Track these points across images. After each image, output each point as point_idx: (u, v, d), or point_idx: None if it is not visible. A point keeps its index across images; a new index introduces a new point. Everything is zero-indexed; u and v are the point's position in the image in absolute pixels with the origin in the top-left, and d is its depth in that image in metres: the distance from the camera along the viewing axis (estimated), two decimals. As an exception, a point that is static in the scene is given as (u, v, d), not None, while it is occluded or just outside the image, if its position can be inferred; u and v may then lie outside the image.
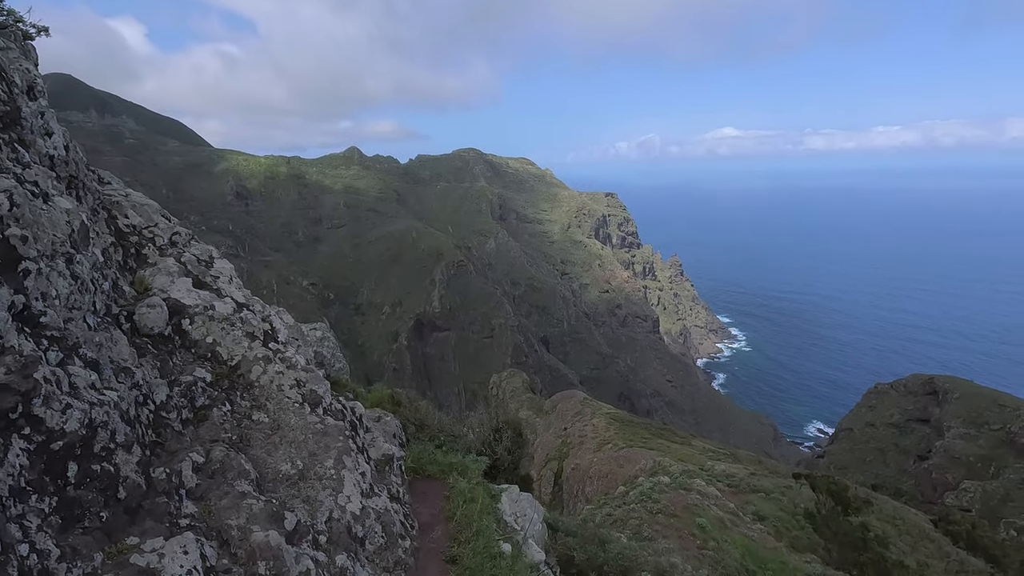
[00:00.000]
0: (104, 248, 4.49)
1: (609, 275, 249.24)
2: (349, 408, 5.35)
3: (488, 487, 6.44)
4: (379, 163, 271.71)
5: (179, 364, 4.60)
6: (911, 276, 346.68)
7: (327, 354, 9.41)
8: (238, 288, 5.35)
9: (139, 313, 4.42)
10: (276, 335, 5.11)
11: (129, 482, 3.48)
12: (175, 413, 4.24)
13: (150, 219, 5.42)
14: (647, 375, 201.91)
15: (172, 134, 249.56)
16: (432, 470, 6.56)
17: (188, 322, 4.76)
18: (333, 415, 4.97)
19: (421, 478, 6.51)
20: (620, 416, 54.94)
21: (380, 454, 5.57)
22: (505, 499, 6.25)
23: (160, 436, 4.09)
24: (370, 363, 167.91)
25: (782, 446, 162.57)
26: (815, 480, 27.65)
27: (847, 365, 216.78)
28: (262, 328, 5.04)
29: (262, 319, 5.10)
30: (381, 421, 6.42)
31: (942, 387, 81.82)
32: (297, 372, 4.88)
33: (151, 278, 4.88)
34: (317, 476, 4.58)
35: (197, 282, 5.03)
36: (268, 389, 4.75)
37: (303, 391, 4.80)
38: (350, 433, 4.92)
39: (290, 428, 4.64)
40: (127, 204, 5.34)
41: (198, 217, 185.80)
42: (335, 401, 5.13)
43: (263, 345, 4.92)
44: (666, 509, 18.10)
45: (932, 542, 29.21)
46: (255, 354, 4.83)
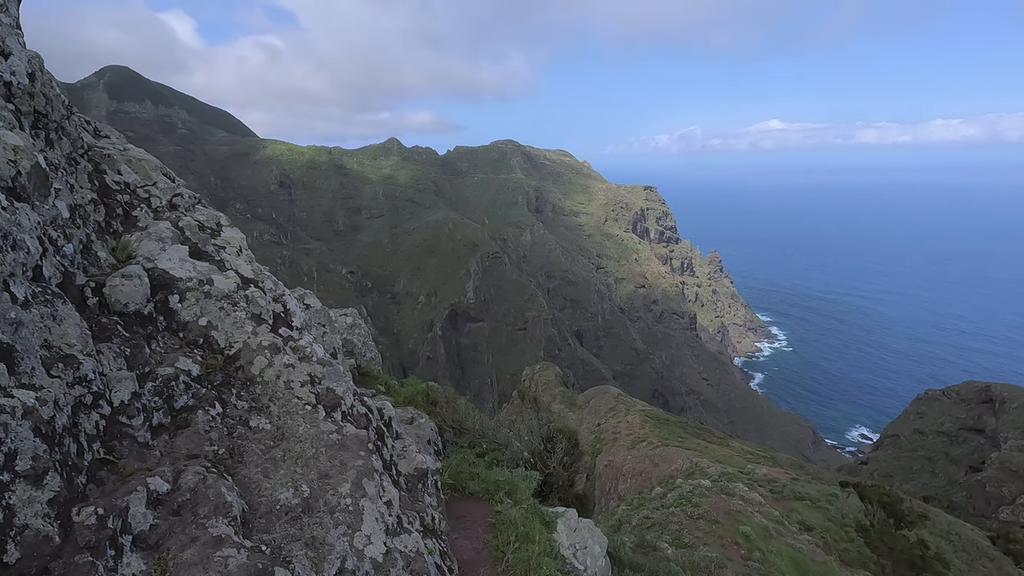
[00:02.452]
0: (76, 204, 3.79)
1: (646, 270, 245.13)
2: (376, 410, 4.44)
3: (542, 512, 5.41)
4: (418, 154, 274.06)
5: (159, 352, 3.75)
6: (967, 278, 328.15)
7: (358, 342, 8.73)
8: (248, 261, 4.49)
9: (109, 285, 3.60)
10: (290, 319, 4.24)
11: (27, 536, 2.35)
12: (141, 418, 3.34)
13: (147, 176, 4.55)
14: (682, 372, 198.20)
15: (220, 124, 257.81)
16: (474, 488, 5.45)
17: (177, 299, 3.92)
18: (354, 421, 4.04)
19: (460, 497, 5.44)
20: (655, 414, 53.83)
21: (412, 468, 4.56)
22: (562, 527, 5.22)
23: (114, 452, 3.14)
24: (405, 351, 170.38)
25: (822, 450, 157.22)
26: (864, 489, 26.20)
27: (893, 370, 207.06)
28: (272, 310, 4.17)
29: (273, 299, 4.25)
30: (414, 424, 5.56)
31: (999, 396, 77.70)
32: (312, 366, 3.96)
33: (136, 244, 4.09)
34: (328, 507, 3.55)
35: (195, 251, 4.23)
36: (273, 387, 3.88)
37: (318, 390, 3.89)
38: (374, 446, 3.99)
39: (297, 439, 3.73)
40: (121, 159, 4.47)
41: (243, 205, 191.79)
42: (358, 402, 4.21)
43: (271, 331, 4.05)
44: (707, 515, 17.35)
45: (991, 561, 27.36)
46: (260, 341, 3.96)
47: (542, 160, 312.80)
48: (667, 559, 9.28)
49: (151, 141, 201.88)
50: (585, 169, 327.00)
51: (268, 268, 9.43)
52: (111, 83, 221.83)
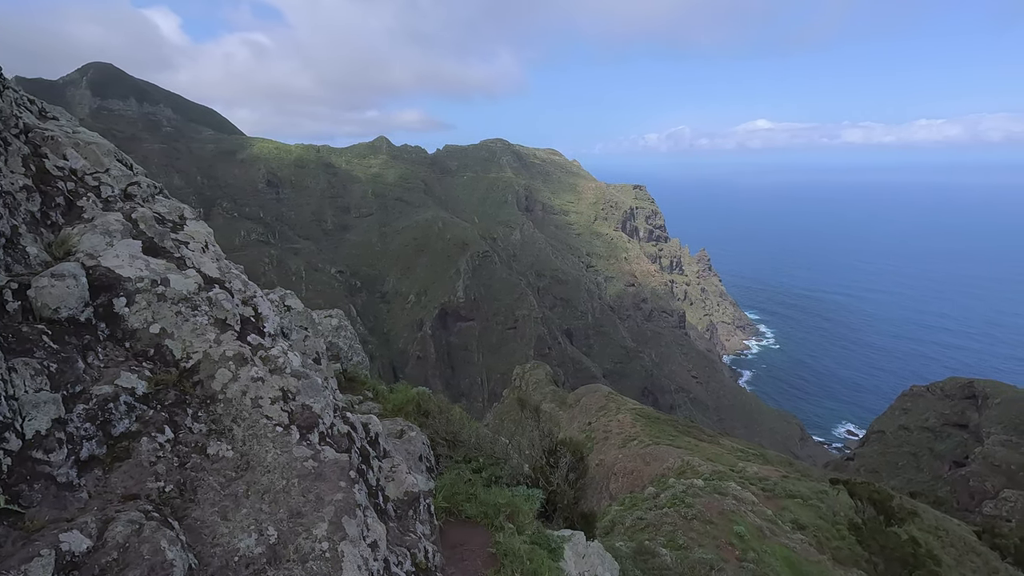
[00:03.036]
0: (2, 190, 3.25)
1: (635, 268, 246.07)
2: (360, 427, 3.84)
3: (547, 537, 4.85)
4: (407, 153, 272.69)
5: (97, 366, 3.13)
6: (949, 276, 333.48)
7: (343, 345, 8.21)
8: (214, 259, 3.89)
9: (35, 287, 3.04)
10: (261, 324, 3.68)
11: None
12: (65, 451, 2.69)
13: (98, 162, 3.97)
14: (672, 370, 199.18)
15: (206, 122, 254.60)
16: (472, 511, 4.87)
17: (124, 302, 3.35)
18: (334, 443, 3.44)
19: (457, 522, 4.83)
20: (646, 412, 53.92)
21: (402, 492, 3.99)
22: (569, 554, 4.69)
23: (21, 499, 2.48)
24: (395, 351, 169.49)
25: (809, 446, 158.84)
26: (854, 486, 26.32)
27: (877, 367, 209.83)
28: (240, 314, 3.61)
29: (242, 301, 3.68)
30: (404, 438, 4.96)
31: (982, 391, 78.94)
32: (285, 379, 3.38)
33: (78, 238, 3.50)
34: (299, 555, 2.91)
35: (150, 247, 3.63)
36: (238, 405, 3.28)
37: (291, 407, 3.33)
38: (358, 472, 3.38)
39: (265, 469, 3.14)
40: (67, 142, 3.93)
41: (230, 204, 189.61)
42: (339, 420, 3.61)
43: (238, 338, 3.49)
44: (701, 515, 17.23)
45: (978, 556, 27.64)
46: (223, 351, 3.38)
47: (532, 159, 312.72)
48: (667, 568, 9.10)
49: (136, 139, 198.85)
50: (575, 168, 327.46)
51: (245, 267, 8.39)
52: (94, 80, 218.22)
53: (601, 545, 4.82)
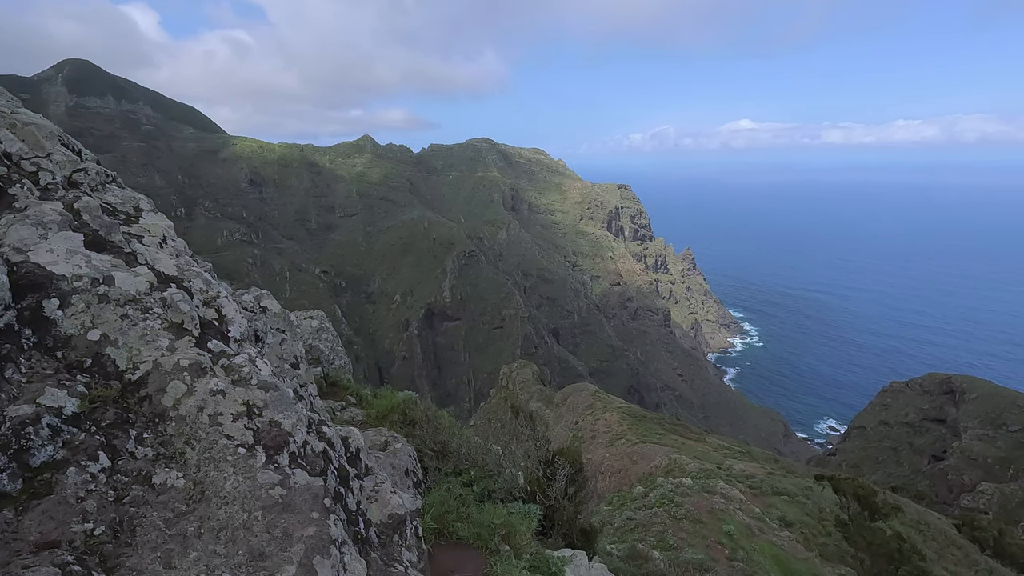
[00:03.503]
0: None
1: (621, 267, 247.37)
2: (339, 442, 3.39)
3: (547, 560, 4.46)
4: (392, 152, 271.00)
5: (17, 381, 2.61)
6: (926, 274, 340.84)
7: (325, 348, 7.98)
8: (173, 255, 3.40)
9: None
10: (225, 328, 3.20)
11: None
12: None
13: (37, 146, 3.50)
14: (657, 368, 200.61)
15: (187, 120, 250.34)
16: (463, 532, 4.44)
17: (56, 305, 2.85)
18: (307, 464, 2.96)
19: (447, 544, 4.40)
20: (632, 410, 54.08)
21: (386, 514, 3.54)
22: (570, 575, 4.35)
23: None
24: (380, 351, 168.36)
25: (793, 443, 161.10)
26: (839, 482, 26.61)
27: (857, 363, 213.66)
28: (199, 317, 3.13)
29: (203, 302, 3.21)
30: (389, 450, 4.57)
31: (959, 387, 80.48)
32: (250, 391, 2.92)
33: (4, 230, 3.01)
34: None
35: (94, 241, 3.12)
36: (192, 423, 2.80)
37: (257, 424, 2.87)
38: (334, 499, 2.89)
39: (222, 500, 2.64)
40: (2, 123, 3.48)
41: (212, 203, 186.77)
42: (313, 436, 3.13)
43: (196, 345, 3.00)
44: (690, 514, 17.23)
45: (959, 549, 28.13)
46: (177, 360, 2.90)
47: (517, 158, 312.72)
48: (661, 572, 9.00)
49: (114, 138, 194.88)
50: (560, 168, 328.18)
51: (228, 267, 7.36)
52: (70, 77, 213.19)
53: (605, 567, 4.49)
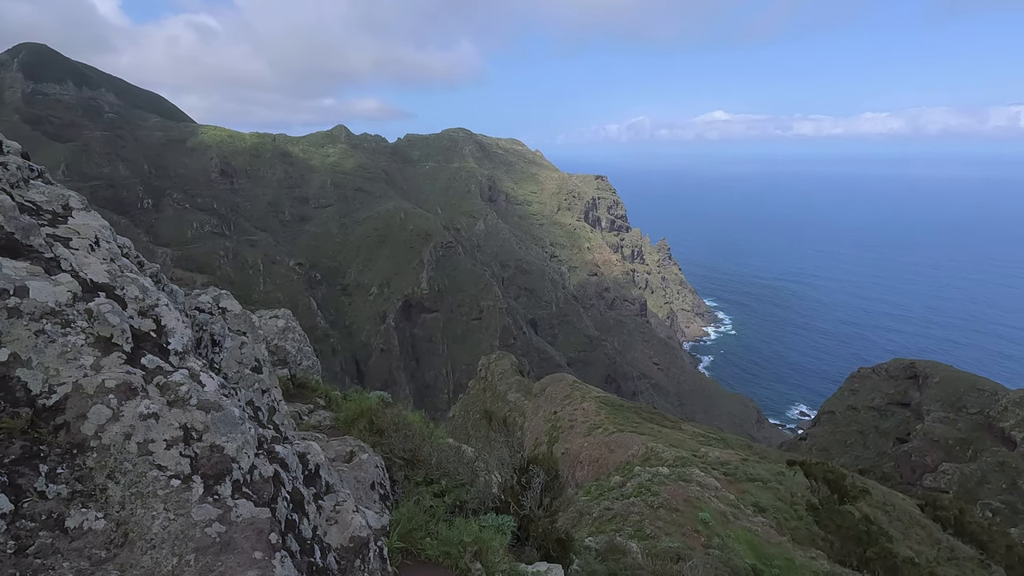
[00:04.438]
0: None
1: (598, 258, 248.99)
2: (294, 461, 3.03)
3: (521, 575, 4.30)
4: (366, 142, 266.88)
5: None
6: (890, 264, 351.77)
7: (291, 349, 7.53)
8: (105, 260, 2.96)
9: None
10: (165, 340, 2.81)
11: None
12: None
13: None
14: (634, 358, 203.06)
15: (152, 108, 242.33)
16: (432, 551, 4.16)
17: None
18: (253, 493, 2.57)
19: (415, 564, 4.11)
20: (610, 400, 54.59)
21: (348, 537, 3.21)
22: None
23: None
24: (357, 344, 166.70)
25: (765, 428, 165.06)
26: (810, 467, 27.37)
27: (824, 351, 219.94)
28: (132, 329, 2.73)
29: (139, 312, 2.80)
30: (354, 462, 4.26)
31: (923, 372, 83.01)
32: (189, 412, 2.54)
33: None
34: None
35: (7, 245, 2.70)
36: (118, 453, 2.41)
37: (195, 450, 2.49)
38: (281, 534, 2.54)
39: (148, 543, 2.26)
40: None
41: (181, 194, 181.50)
42: (263, 459, 2.75)
43: (127, 362, 2.61)
44: (667, 503, 17.48)
45: (923, 528, 29.24)
46: (101, 381, 2.50)
47: (494, 149, 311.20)
48: (639, 567, 9.04)
49: (76, 126, 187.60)
50: (537, 158, 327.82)
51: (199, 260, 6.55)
52: (27, 62, 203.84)
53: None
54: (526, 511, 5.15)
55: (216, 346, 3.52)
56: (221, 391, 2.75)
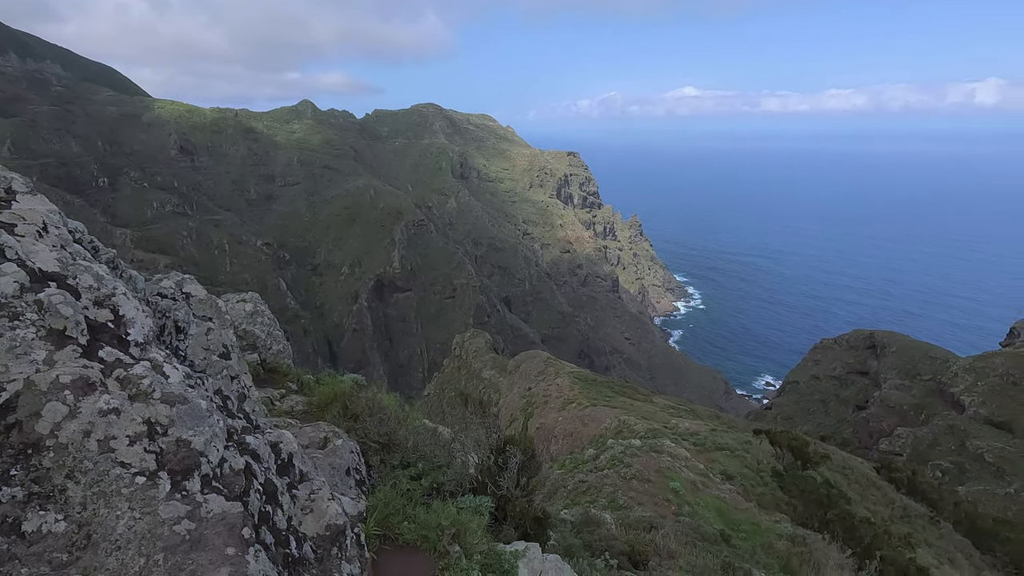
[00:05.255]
0: None
1: (570, 235, 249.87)
2: (266, 451, 2.95)
3: (499, 556, 4.26)
4: (334, 118, 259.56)
5: None
6: (850, 238, 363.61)
7: (260, 333, 7.29)
8: (55, 246, 2.78)
9: None
10: (124, 331, 2.66)
11: None
12: None
13: None
14: (606, 333, 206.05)
15: (104, 81, 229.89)
16: (410, 535, 4.16)
17: None
18: (223, 486, 2.47)
19: (393, 549, 4.10)
20: (583, 375, 55.43)
21: (324, 525, 3.14)
22: (523, 571, 4.19)
23: None
24: (329, 325, 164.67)
25: (732, 399, 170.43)
26: (775, 435, 28.58)
27: (788, 323, 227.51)
28: (88, 320, 2.59)
29: (94, 302, 2.64)
30: (329, 448, 4.18)
31: (881, 342, 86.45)
32: (152, 406, 2.43)
33: None
34: None
35: None
36: (77, 452, 2.26)
37: (160, 446, 2.39)
38: (255, 527, 2.46)
39: (114, 543, 2.15)
40: None
41: (139, 173, 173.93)
42: (233, 451, 2.64)
43: (83, 355, 2.48)
44: (639, 474, 18.02)
45: (878, 489, 30.94)
46: (55, 376, 2.37)
47: (465, 125, 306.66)
48: (613, 537, 9.31)
49: (20, 100, 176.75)
50: (509, 135, 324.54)
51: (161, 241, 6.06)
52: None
53: (558, 557, 4.39)
54: (503, 491, 5.18)
55: (181, 333, 3.38)
56: (187, 382, 2.64)
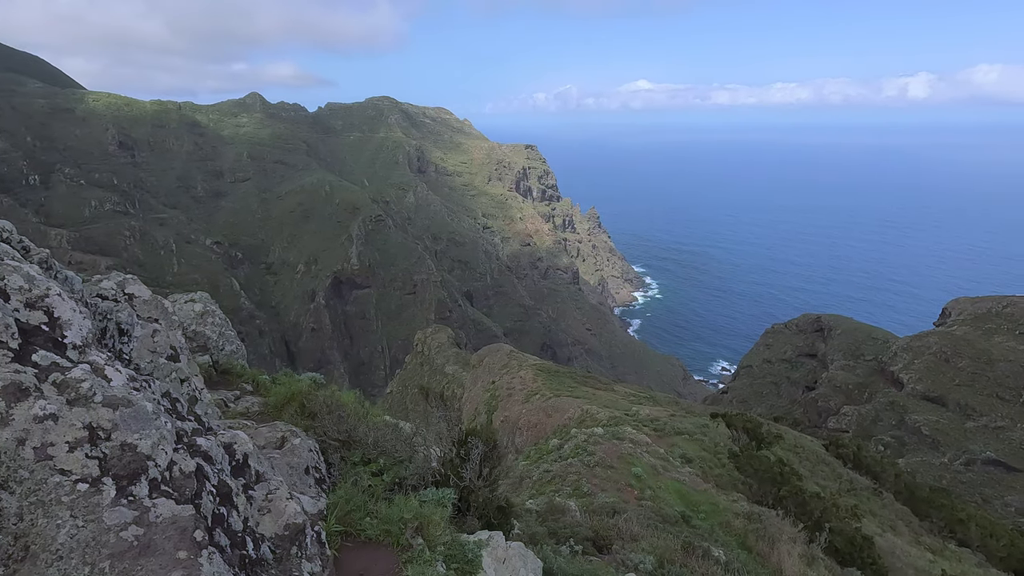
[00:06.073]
0: None
1: (530, 228, 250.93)
2: (219, 453, 2.87)
3: (462, 546, 4.27)
4: (284, 111, 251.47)
5: None
6: (797, 226, 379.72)
7: (211, 334, 7.09)
8: None
9: None
10: (60, 333, 2.55)
11: None
12: None
13: None
14: (568, 325, 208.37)
15: (31, 72, 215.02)
16: (372, 531, 4.09)
17: None
18: (173, 490, 2.40)
19: (355, 545, 4.03)
20: (546, 367, 55.98)
21: (282, 524, 3.09)
22: (488, 561, 4.18)
23: None
24: (286, 324, 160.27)
25: (691, 385, 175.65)
26: (730, 418, 29.70)
27: (743, 310, 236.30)
28: (16, 323, 2.48)
29: (25, 304, 2.54)
30: (286, 448, 4.10)
31: (827, 325, 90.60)
32: (93, 410, 2.34)
33: None
34: None
35: None
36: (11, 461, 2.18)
37: (103, 451, 2.30)
38: (208, 530, 2.39)
39: (54, 554, 2.09)
40: None
41: (74, 169, 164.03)
42: (183, 454, 2.56)
43: (15, 360, 2.39)
44: (603, 461, 18.40)
45: (827, 465, 32.64)
46: None
47: (421, 118, 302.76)
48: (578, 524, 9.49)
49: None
50: (466, 128, 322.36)
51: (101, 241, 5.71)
52: None
53: (522, 544, 4.43)
54: (466, 482, 5.20)
55: (124, 336, 3.25)
56: (131, 384, 2.54)
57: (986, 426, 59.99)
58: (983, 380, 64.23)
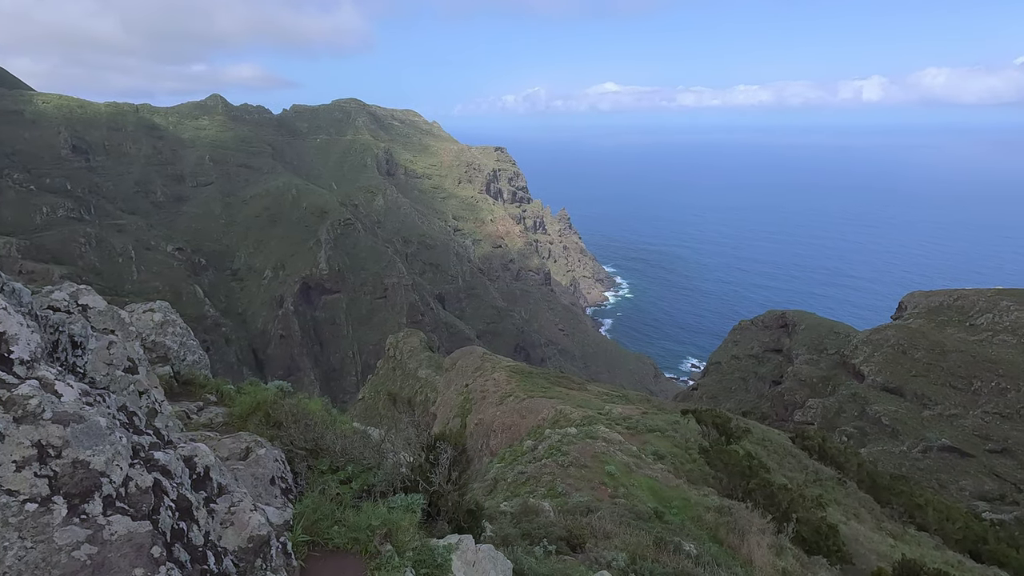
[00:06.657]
0: None
1: (501, 230, 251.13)
2: (178, 466, 2.78)
3: (432, 551, 4.21)
4: (248, 113, 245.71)
5: None
6: (761, 225, 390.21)
7: (172, 344, 6.84)
8: None
9: None
10: (5, 348, 2.47)
11: None
12: None
13: None
14: (540, 326, 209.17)
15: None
16: (340, 539, 4.02)
17: None
18: (129, 506, 2.34)
19: (323, 554, 3.95)
20: (519, 368, 55.96)
21: (246, 537, 3.03)
22: (458, 564, 4.15)
23: None
24: (254, 332, 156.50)
25: (662, 382, 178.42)
26: (700, 414, 30.31)
27: (711, 308, 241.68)
28: None
29: None
30: (251, 458, 4.01)
31: (792, 321, 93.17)
32: (42, 428, 2.28)
33: None
34: None
35: None
36: None
37: (54, 469, 2.24)
38: (166, 545, 2.37)
39: None
40: None
41: (24, 175, 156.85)
42: (139, 469, 2.48)
43: None
44: (576, 461, 18.52)
45: (793, 457, 33.60)
46: None
47: (390, 120, 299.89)
48: (552, 524, 9.54)
49: None
50: (435, 130, 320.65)
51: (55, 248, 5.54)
52: None
53: (492, 547, 4.42)
54: (435, 487, 5.15)
55: (78, 348, 3.12)
56: (83, 399, 2.47)
57: (940, 414, 62.60)
58: (937, 371, 67.02)
